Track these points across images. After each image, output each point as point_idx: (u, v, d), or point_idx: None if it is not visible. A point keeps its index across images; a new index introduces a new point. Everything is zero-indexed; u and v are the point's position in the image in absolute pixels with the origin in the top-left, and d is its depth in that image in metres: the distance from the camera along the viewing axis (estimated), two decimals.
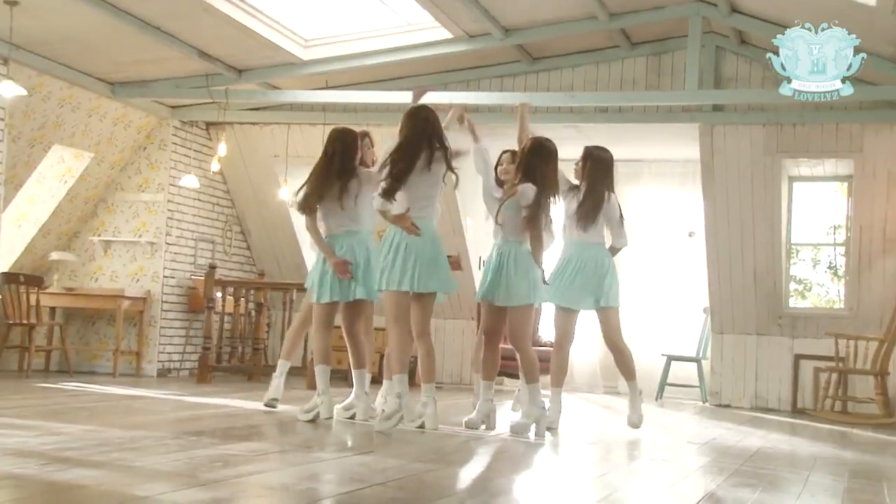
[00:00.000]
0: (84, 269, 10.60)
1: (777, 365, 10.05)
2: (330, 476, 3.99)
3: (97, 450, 4.36)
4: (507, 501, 3.80)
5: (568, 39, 9.16)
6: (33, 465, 3.87)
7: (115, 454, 4.27)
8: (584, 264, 6.37)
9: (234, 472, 3.88)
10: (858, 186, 9.55)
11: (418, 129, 5.88)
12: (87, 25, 8.00)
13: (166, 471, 3.93)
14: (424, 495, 3.64)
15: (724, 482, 4.47)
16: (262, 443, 5.07)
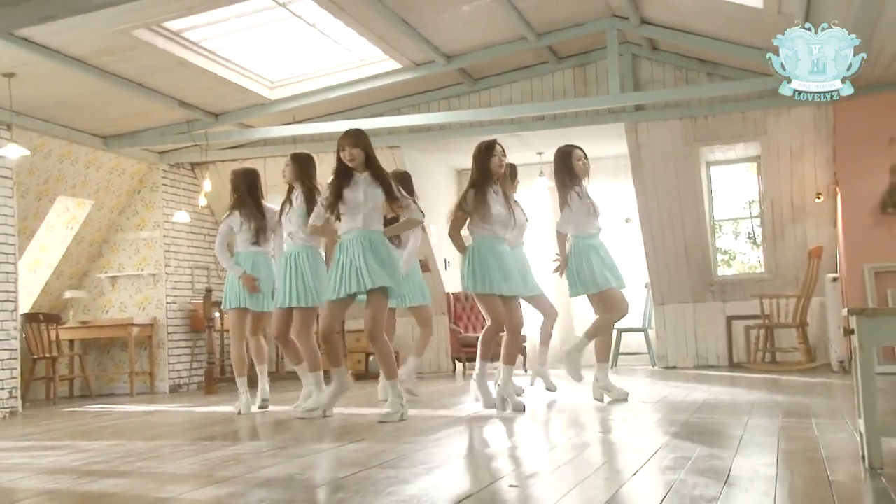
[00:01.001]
0: (95, 304, 10.49)
1: (713, 327, 10.15)
2: (328, 464, 3.98)
3: (122, 461, 4.33)
4: (494, 468, 3.81)
5: (503, 59, 9.21)
6: (66, 479, 3.83)
7: (139, 463, 4.24)
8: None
9: (245, 469, 3.87)
10: (766, 165, 9.66)
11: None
12: (78, 88, 7.93)
13: (185, 473, 3.91)
14: (417, 470, 3.65)
15: (677, 432, 4.51)
16: (267, 441, 5.05)
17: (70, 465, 4.30)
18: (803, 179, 9.51)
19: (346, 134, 5.74)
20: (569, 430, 5.07)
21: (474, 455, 4.29)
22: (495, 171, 5.98)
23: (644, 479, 3.31)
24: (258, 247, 6.84)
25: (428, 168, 11.23)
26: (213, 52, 8.09)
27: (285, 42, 8.30)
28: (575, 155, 6.40)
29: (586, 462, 3.86)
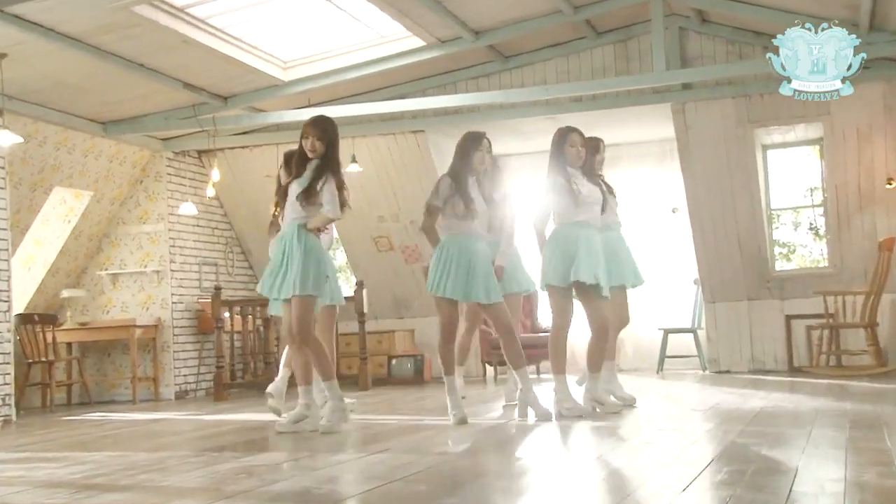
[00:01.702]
0: (95, 304, 10.58)
1: (770, 327, 10.05)
2: (349, 477, 3.97)
3: (124, 474, 4.35)
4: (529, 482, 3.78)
5: (536, 35, 9.15)
6: (63, 494, 3.85)
7: (142, 476, 4.25)
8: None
9: (257, 482, 3.86)
10: (829, 148, 9.55)
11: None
12: (74, 70, 7.98)
13: (192, 487, 3.91)
14: (444, 485, 3.63)
15: (731, 444, 4.46)
16: (282, 452, 5.05)
17: (68, 478, 4.32)
18: (872, 163, 9.38)
19: (314, 122, 5.69)
20: (610, 440, 5.03)
21: (508, 469, 4.26)
22: (476, 166, 5.84)
23: (695, 496, 3.27)
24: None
25: None
26: (220, 29, 8.11)
27: (299, 19, 8.31)
28: (570, 139, 6.13)
29: (630, 476, 3.82)
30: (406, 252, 11.09)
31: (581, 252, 5.81)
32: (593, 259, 5.83)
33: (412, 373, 10.69)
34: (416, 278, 11.09)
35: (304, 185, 5.59)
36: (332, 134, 5.69)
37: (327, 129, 5.67)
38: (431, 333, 11.43)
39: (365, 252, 11.24)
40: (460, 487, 3.60)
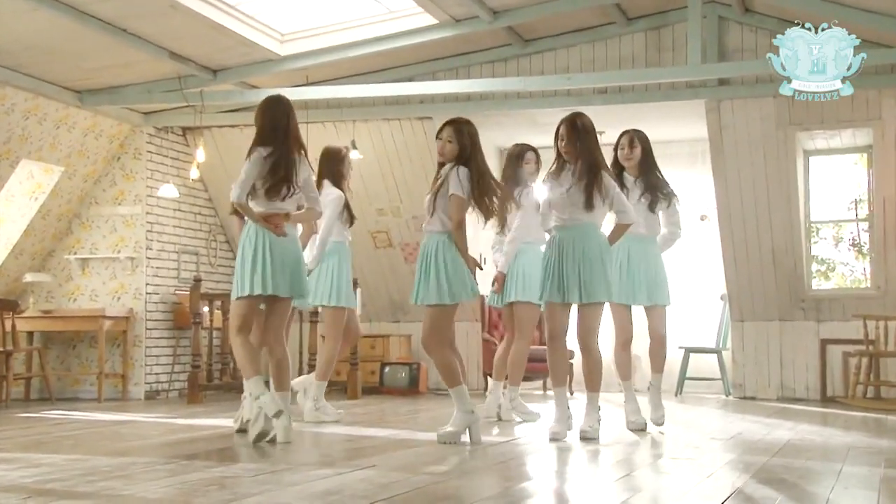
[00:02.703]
0: (61, 290, 10.60)
1: (803, 352, 10.04)
2: (330, 495, 3.97)
3: (83, 479, 4.35)
4: None
5: (560, 18, 9.15)
6: (14, 499, 3.85)
7: (102, 483, 4.26)
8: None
9: (229, 496, 3.87)
10: (879, 157, 9.53)
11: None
12: (48, 31, 7.99)
13: (156, 498, 3.92)
14: None
15: (752, 478, 4.46)
16: (259, 463, 5.05)
17: (20, 481, 4.33)
18: None
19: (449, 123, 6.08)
20: (619, 468, 5.03)
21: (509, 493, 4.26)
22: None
23: None
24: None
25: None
26: None
27: None
28: (526, 157, 7.14)
29: None
30: (406, 250, 11.09)
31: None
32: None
33: (406, 382, 10.69)
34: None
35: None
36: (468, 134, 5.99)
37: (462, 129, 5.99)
38: None
39: (361, 248, 11.23)
40: None
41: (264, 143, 5.89)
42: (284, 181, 5.84)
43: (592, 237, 6.02)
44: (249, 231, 5.93)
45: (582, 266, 5.95)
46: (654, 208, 6.61)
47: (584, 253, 5.97)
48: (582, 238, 6.00)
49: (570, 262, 5.97)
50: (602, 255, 6.01)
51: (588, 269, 5.95)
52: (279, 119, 5.94)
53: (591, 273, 5.94)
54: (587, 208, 5.97)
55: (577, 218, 6.02)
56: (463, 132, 5.94)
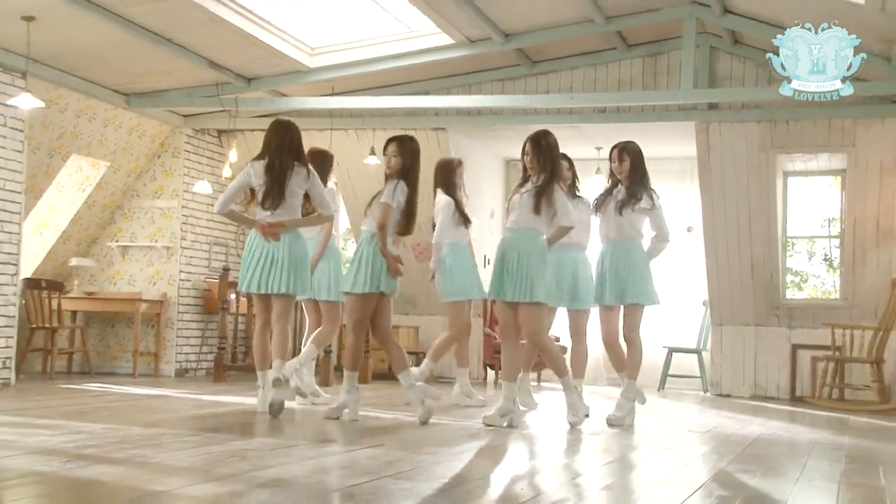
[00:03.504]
0: (103, 274, 10.63)
1: (775, 355, 10.03)
2: (340, 469, 4.00)
3: (117, 447, 4.38)
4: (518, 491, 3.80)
5: (566, 42, 9.15)
6: (56, 462, 3.88)
7: (135, 451, 4.28)
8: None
9: (248, 467, 3.89)
10: (852, 180, 9.52)
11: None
12: (101, 39, 8.02)
13: (183, 466, 3.94)
14: (433, 484, 3.64)
15: (725, 469, 4.46)
16: (277, 438, 5.08)
17: (61, 446, 4.36)
18: (893, 199, 9.35)
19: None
20: (607, 452, 5.04)
21: (500, 474, 4.28)
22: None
23: None
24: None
25: (475, 155, 11.22)
26: (249, 10, 8.13)
27: (329, 6, 8.33)
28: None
29: (620, 493, 3.83)
30: (416, 249, 11.08)
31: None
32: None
33: None
34: (424, 276, 11.09)
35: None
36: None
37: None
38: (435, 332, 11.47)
39: None
40: (451, 489, 3.62)
41: (258, 158, 6.23)
42: (269, 195, 6.13)
43: (534, 240, 5.90)
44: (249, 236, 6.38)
45: (517, 267, 5.85)
46: (622, 211, 6.37)
47: (526, 254, 5.85)
48: (525, 241, 5.89)
49: (513, 264, 5.88)
50: (541, 258, 5.86)
51: (524, 270, 5.84)
52: (270, 138, 6.26)
53: (528, 273, 5.82)
54: (534, 212, 5.86)
55: (522, 221, 5.93)
56: (405, 148, 6.20)
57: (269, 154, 6.18)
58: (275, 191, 6.11)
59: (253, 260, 6.24)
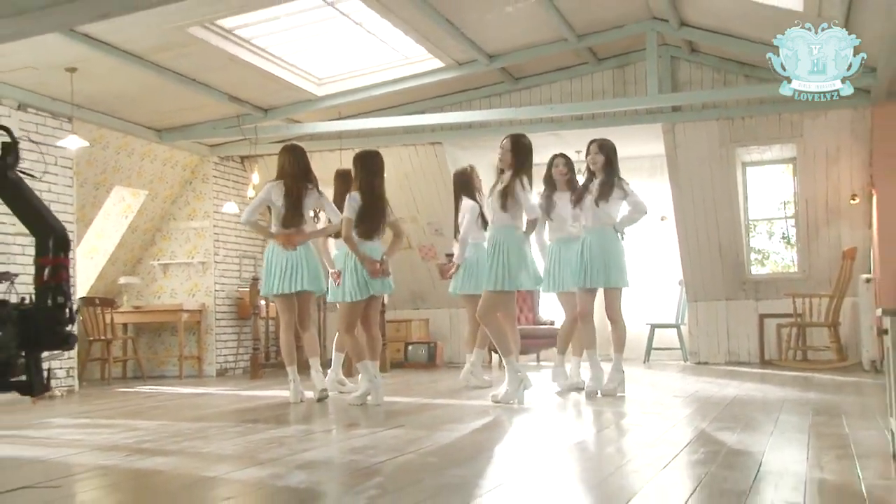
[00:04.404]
0: (148, 290, 10.63)
1: (745, 324, 10.02)
2: (369, 449, 4.00)
3: (170, 440, 4.38)
4: (527, 457, 3.80)
5: (544, 60, 9.15)
6: (117, 456, 3.89)
7: (186, 443, 4.29)
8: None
9: (287, 451, 3.89)
10: (802, 166, 9.51)
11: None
12: (135, 83, 8.02)
13: (229, 454, 3.95)
14: (453, 458, 3.64)
15: (708, 427, 4.46)
16: (309, 425, 5.08)
17: (122, 442, 4.37)
18: (838, 181, 9.34)
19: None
20: (598, 422, 5.03)
21: (509, 444, 4.27)
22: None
23: (674, 473, 3.27)
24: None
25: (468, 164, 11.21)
26: (263, 49, 8.14)
27: (333, 40, 8.33)
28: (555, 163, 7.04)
29: (616, 455, 3.83)
30: (422, 250, 11.09)
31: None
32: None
33: (426, 358, 10.69)
34: (430, 273, 11.10)
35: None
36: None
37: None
38: (444, 323, 11.47)
39: None
40: (468, 460, 3.62)
41: (277, 179, 6.44)
42: (290, 217, 6.34)
43: (511, 234, 5.87)
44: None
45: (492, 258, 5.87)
46: (599, 203, 6.28)
47: (503, 247, 5.83)
48: (502, 234, 5.87)
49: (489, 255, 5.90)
50: (509, 248, 5.80)
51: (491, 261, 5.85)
52: (283, 163, 6.46)
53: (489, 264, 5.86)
54: (502, 209, 5.86)
55: (496, 219, 5.93)
56: (355, 163, 6.29)
57: (285, 180, 6.33)
58: (294, 213, 6.32)
59: (277, 266, 6.32)
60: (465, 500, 2.75)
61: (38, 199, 3.56)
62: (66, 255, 3.49)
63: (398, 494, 2.89)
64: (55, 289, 3.38)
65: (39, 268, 3.38)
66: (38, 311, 3.37)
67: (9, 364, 3.66)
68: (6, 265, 7.28)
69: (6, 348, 3.61)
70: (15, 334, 3.70)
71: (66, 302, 3.41)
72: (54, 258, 3.38)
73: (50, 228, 3.46)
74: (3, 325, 3.68)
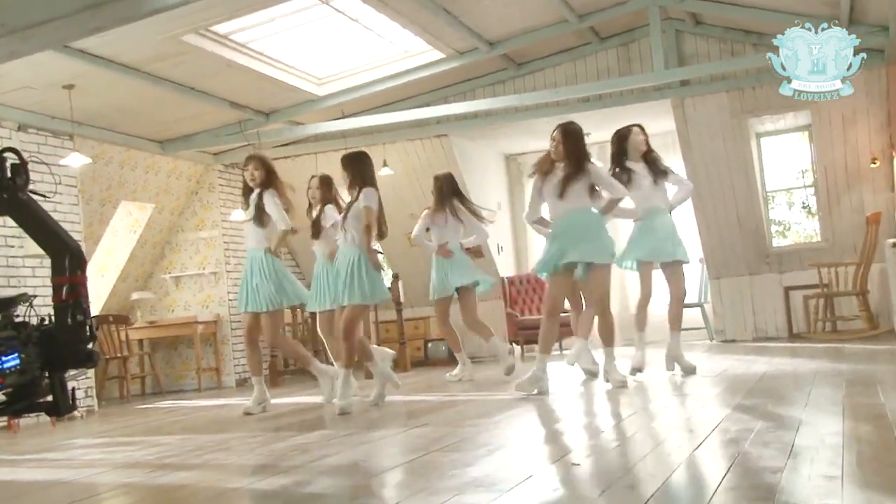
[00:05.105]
0: (161, 304, 10.67)
1: (770, 298, 9.95)
2: (393, 449, 3.98)
3: (192, 454, 4.38)
4: (555, 446, 3.78)
5: (545, 43, 9.10)
6: (141, 473, 3.89)
7: (208, 456, 4.29)
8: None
9: (309, 458, 3.88)
10: (818, 133, 9.43)
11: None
12: (134, 96, 8.04)
13: (252, 464, 3.94)
14: (479, 453, 3.63)
15: (739, 404, 4.43)
16: (331, 430, 5.07)
17: (144, 459, 4.37)
18: (857, 145, 9.25)
19: (249, 158, 6.34)
20: (629, 406, 5.00)
21: (535, 435, 4.25)
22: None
23: (707, 453, 3.24)
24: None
25: (477, 155, 11.19)
26: (260, 52, 8.14)
27: (330, 38, 8.32)
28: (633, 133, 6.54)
29: (648, 437, 3.80)
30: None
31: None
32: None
33: (446, 354, 10.68)
34: None
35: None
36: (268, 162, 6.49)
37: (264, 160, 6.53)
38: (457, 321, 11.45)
39: (399, 247, 11.23)
40: (494, 453, 3.60)
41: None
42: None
43: (586, 214, 5.87)
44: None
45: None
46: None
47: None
48: (574, 217, 5.83)
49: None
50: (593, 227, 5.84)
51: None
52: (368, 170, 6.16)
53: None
54: (561, 197, 5.84)
55: (556, 208, 5.89)
56: (266, 162, 6.48)
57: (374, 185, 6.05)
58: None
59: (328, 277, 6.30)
60: (495, 495, 2.73)
61: (50, 217, 3.57)
62: (83, 273, 3.49)
63: (425, 493, 2.87)
64: (74, 306, 3.39)
65: (57, 287, 3.38)
66: (58, 331, 3.37)
67: (34, 385, 3.67)
68: (18, 288, 7.31)
69: (30, 370, 3.62)
70: (38, 355, 3.72)
71: (86, 319, 3.41)
72: (71, 276, 3.39)
73: (65, 246, 3.47)
74: (25, 347, 3.70)
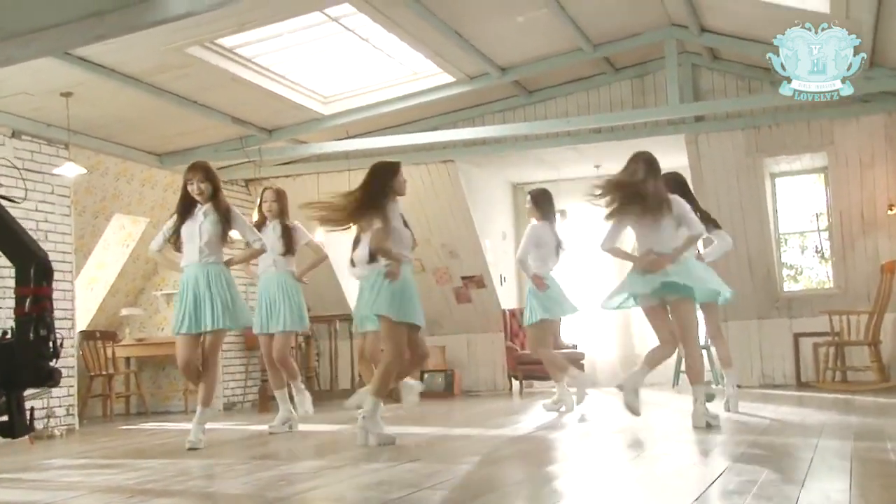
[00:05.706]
0: (151, 321, 10.64)
1: (779, 344, 9.92)
2: (382, 485, 3.95)
3: (175, 480, 4.35)
4: (551, 490, 3.74)
5: (559, 71, 9.15)
6: (119, 499, 3.86)
7: (192, 482, 4.26)
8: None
9: (297, 490, 3.85)
10: (834, 176, 9.44)
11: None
12: (133, 106, 8.07)
13: (237, 493, 3.91)
14: (471, 493, 3.60)
15: (742, 455, 4.39)
16: (321, 460, 5.04)
17: (124, 483, 4.34)
18: (874, 190, 9.27)
19: (196, 167, 6.02)
20: (628, 451, 4.97)
21: (529, 479, 4.22)
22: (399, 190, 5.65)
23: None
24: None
25: (483, 182, 11.21)
26: (266, 67, 8.19)
27: (338, 57, 8.37)
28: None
29: (646, 485, 3.77)
30: (437, 274, 11.07)
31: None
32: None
33: (443, 387, 10.65)
34: (446, 299, 11.07)
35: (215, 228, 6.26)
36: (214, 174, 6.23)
37: (210, 171, 6.19)
38: (461, 350, 11.41)
39: None
40: (486, 494, 3.57)
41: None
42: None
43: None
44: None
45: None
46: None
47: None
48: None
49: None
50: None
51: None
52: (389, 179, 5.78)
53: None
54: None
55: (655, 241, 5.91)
56: (212, 173, 6.18)
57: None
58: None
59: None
60: None
61: (17, 224, 3.48)
62: (49, 285, 3.38)
63: None
64: (37, 320, 3.29)
65: (20, 298, 3.27)
66: (18, 346, 3.25)
67: None
68: None
69: None
70: None
71: (50, 334, 3.31)
72: (36, 288, 3.28)
73: (32, 255, 3.36)
74: None
